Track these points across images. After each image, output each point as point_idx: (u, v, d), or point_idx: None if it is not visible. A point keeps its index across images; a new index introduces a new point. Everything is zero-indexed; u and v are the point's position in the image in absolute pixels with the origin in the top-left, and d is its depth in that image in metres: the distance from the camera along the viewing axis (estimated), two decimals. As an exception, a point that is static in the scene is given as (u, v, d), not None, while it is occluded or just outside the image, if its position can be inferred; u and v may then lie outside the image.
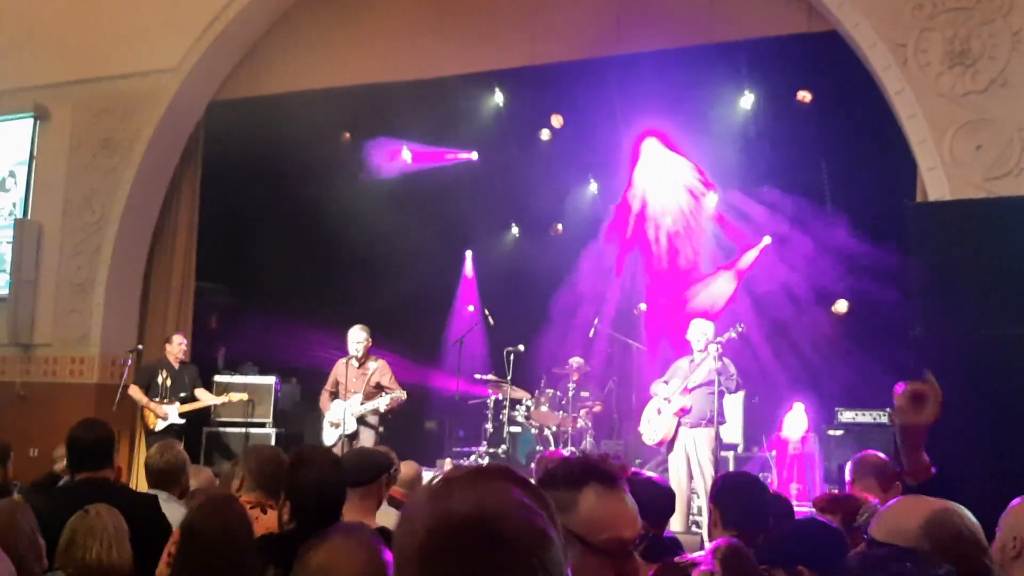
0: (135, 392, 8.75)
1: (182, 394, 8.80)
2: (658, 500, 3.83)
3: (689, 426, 7.75)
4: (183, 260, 10.08)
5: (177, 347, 8.95)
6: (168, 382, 8.83)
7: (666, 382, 8.03)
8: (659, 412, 7.89)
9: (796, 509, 4.86)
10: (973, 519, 2.17)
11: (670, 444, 7.81)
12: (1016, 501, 3.13)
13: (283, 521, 3.15)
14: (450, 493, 1.10)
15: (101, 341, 9.49)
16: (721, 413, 7.83)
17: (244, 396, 9.05)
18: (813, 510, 4.49)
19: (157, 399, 8.71)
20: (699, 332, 7.94)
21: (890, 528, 2.16)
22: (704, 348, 7.82)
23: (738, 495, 3.62)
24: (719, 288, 10.76)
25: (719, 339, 7.79)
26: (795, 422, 9.24)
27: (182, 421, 8.72)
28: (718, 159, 10.12)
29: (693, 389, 7.76)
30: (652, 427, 7.92)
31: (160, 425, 8.63)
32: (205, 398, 8.98)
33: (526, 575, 1.06)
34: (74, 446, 4.09)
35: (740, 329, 7.91)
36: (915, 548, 2.07)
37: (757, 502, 3.63)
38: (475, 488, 1.10)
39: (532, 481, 1.17)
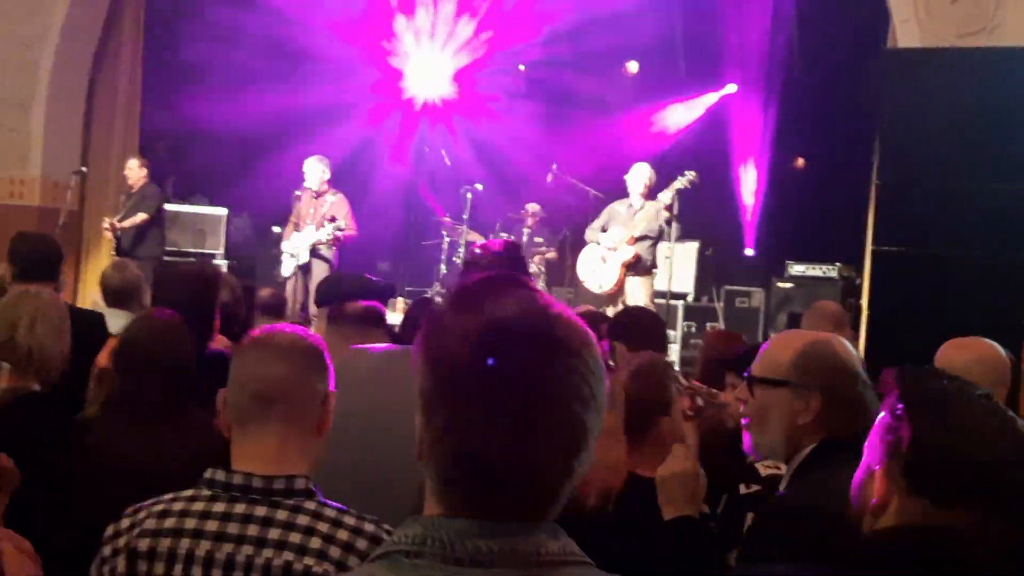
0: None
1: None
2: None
3: (631, 275, 7.79)
4: (129, 79, 9.62)
5: (127, 171, 8.78)
6: (122, 205, 8.78)
7: (603, 229, 7.97)
8: (604, 260, 7.88)
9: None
10: (849, 348, 2.14)
11: (615, 294, 7.86)
12: (948, 348, 3.17)
13: None
14: (482, 303, 1.04)
15: (42, 162, 9.12)
16: (656, 261, 7.90)
17: (141, 217, 8.61)
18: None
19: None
20: (641, 177, 7.82)
21: (764, 363, 2.14)
22: (645, 194, 7.76)
23: (633, 325, 3.75)
24: (677, 117, 10.70)
25: (672, 187, 7.72)
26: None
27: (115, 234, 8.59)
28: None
29: (640, 239, 7.74)
30: (597, 276, 7.91)
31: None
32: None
33: (577, 376, 1.03)
34: (19, 256, 3.93)
35: (692, 178, 7.80)
36: (784, 380, 2.07)
37: (653, 325, 3.77)
38: (507, 295, 1.05)
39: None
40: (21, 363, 2.88)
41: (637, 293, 7.74)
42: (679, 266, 8.65)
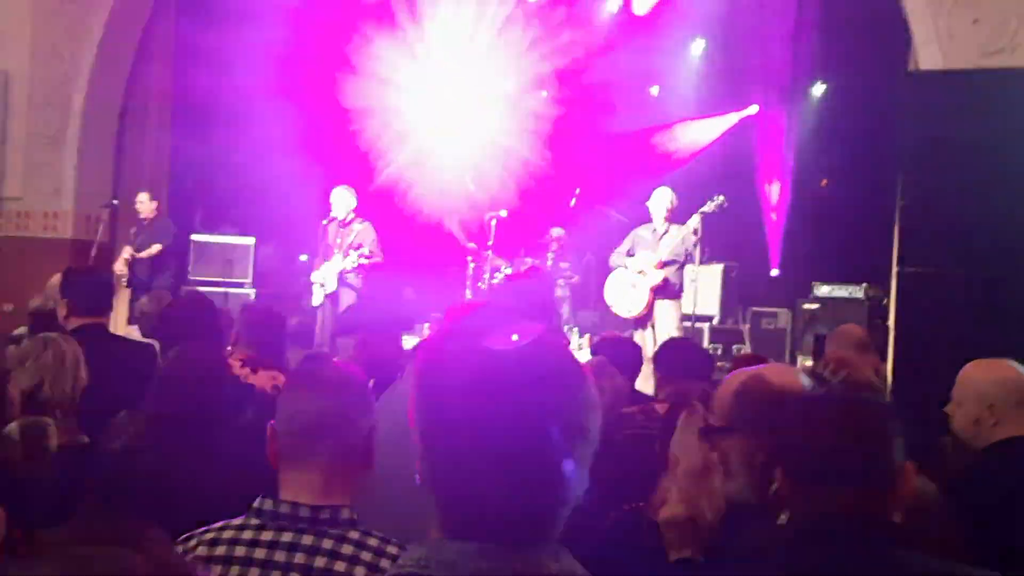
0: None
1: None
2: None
3: (660, 299, 7.81)
4: (158, 113, 9.84)
5: (139, 205, 9.08)
6: (133, 237, 9.05)
7: (629, 253, 8.00)
8: (633, 285, 7.90)
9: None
10: (789, 376, 2.11)
11: (645, 317, 7.88)
12: (970, 369, 3.15)
13: None
14: (474, 334, 1.07)
15: (75, 196, 9.30)
16: (683, 284, 7.93)
17: (156, 248, 8.92)
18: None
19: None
20: (663, 202, 7.87)
21: (713, 412, 2.12)
22: (668, 218, 7.82)
23: (672, 354, 3.83)
24: (699, 138, 10.73)
25: (701, 211, 7.75)
26: None
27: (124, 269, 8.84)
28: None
29: (668, 263, 7.77)
30: (628, 300, 7.93)
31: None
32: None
33: (566, 408, 1.05)
34: (71, 291, 3.95)
35: (721, 202, 7.83)
36: (729, 427, 2.05)
37: (690, 357, 3.83)
38: (499, 327, 1.08)
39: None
40: (45, 413, 2.92)
41: (667, 317, 7.75)
42: (704, 289, 8.67)
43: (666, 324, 7.73)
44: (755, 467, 2.05)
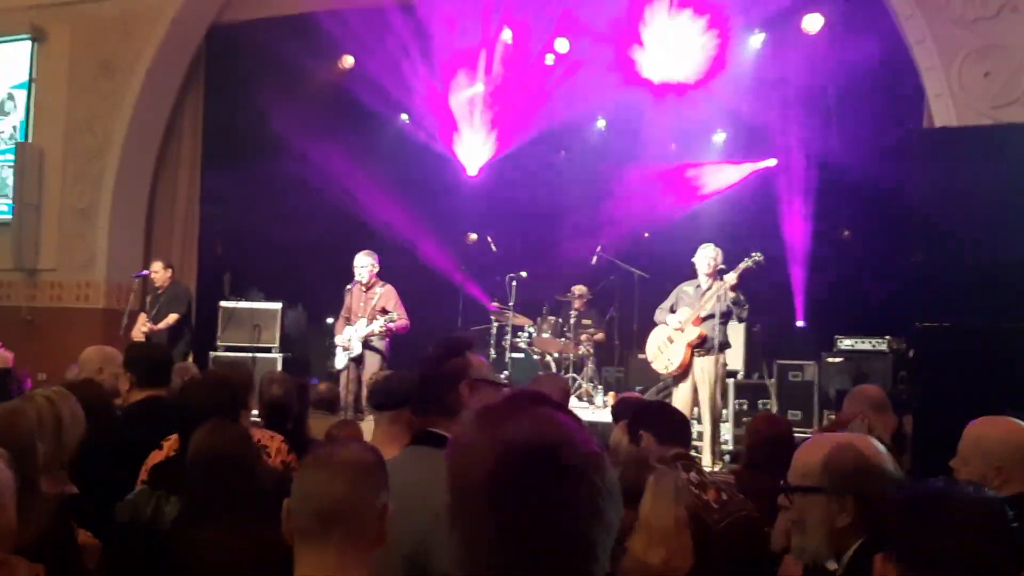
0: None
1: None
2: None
3: (699, 354, 7.77)
4: (187, 184, 10.10)
5: (154, 274, 9.10)
6: (148, 305, 9.07)
7: (672, 309, 7.99)
8: (671, 341, 7.87)
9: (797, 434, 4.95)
10: (876, 448, 2.22)
11: (682, 373, 7.83)
12: (976, 427, 3.13)
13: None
14: (501, 422, 1.13)
15: (107, 266, 9.55)
16: (726, 340, 7.87)
17: (173, 317, 8.90)
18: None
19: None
20: (706, 259, 7.88)
21: (797, 470, 2.23)
22: (712, 274, 7.79)
23: (663, 419, 3.84)
24: (718, 177, 10.78)
25: (739, 268, 7.71)
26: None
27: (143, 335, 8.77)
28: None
29: (706, 319, 7.73)
30: (665, 356, 7.88)
31: None
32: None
33: (590, 498, 1.10)
34: (136, 364, 4.13)
35: (758, 259, 7.79)
36: (818, 487, 2.15)
37: (681, 423, 3.87)
38: (525, 416, 1.13)
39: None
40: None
41: (705, 372, 7.69)
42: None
43: (705, 380, 7.67)
44: (836, 529, 2.15)
